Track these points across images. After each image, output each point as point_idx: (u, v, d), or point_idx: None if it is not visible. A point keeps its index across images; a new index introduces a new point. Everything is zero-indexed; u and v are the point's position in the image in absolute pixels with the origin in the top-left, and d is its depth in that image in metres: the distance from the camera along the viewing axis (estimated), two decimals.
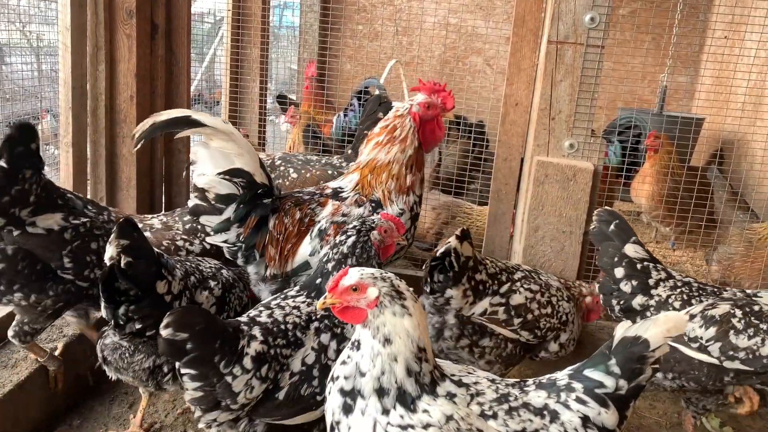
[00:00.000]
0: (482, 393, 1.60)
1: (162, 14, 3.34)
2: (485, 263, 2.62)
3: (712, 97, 5.20)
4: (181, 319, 1.77)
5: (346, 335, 2.01)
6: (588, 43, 2.83)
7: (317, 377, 1.93)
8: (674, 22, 4.62)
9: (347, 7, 7.89)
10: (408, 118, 2.57)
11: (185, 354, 1.77)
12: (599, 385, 1.61)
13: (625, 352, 1.61)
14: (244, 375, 1.83)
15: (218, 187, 2.41)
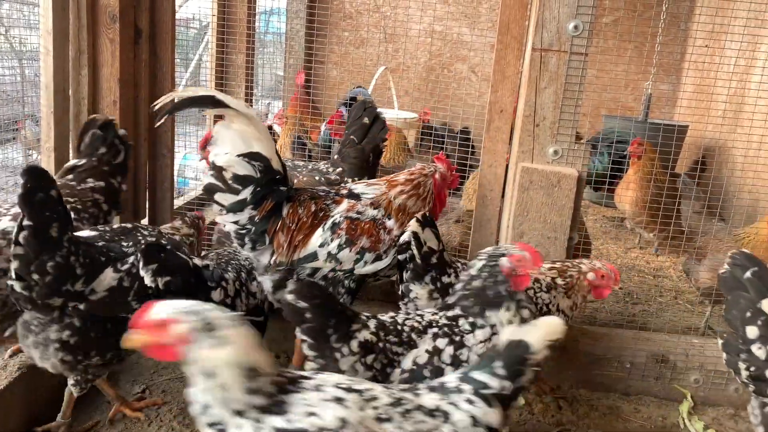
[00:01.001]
0: (377, 398, 1.64)
1: (146, 19, 3.32)
2: (455, 266, 2.61)
3: (694, 105, 5.28)
4: (302, 290, 2.00)
5: (465, 343, 2.12)
6: (572, 50, 2.86)
7: (428, 377, 2.04)
8: (656, 30, 4.68)
9: (333, 14, 7.91)
10: (430, 180, 2.77)
11: (304, 321, 1.99)
12: (485, 386, 1.71)
13: (509, 355, 1.73)
14: (350, 356, 2.00)
15: (237, 167, 2.43)
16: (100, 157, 2.92)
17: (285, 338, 3.26)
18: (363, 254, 2.58)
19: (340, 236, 2.55)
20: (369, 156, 3.17)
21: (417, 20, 6.19)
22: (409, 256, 2.51)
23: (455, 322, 2.17)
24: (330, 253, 2.55)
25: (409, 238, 2.50)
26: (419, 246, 2.49)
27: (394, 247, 2.61)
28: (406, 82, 7.59)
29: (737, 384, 3.05)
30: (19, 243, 2.07)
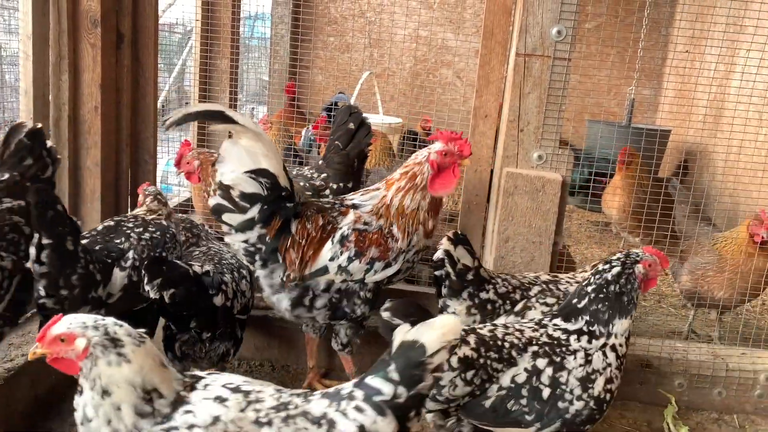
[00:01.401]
0: (262, 400, 1.57)
1: (128, 24, 3.28)
2: (495, 282, 2.59)
3: (675, 110, 5.34)
4: (398, 307, 1.95)
5: (565, 365, 2.09)
6: (555, 55, 2.87)
7: (526, 397, 2.04)
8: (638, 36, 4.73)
9: (318, 19, 7.91)
10: (426, 165, 2.62)
11: None
12: (378, 392, 1.56)
13: (404, 358, 1.56)
14: (450, 372, 1.98)
15: (244, 185, 2.41)
16: (24, 171, 2.43)
17: (269, 346, 3.24)
18: (373, 264, 2.60)
19: (350, 249, 2.56)
20: (354, 161, 3.15)
21: (402, 25, 6.21)
22: (444, 273, 2.52)
23: (557, 341, 2.14)
24: (340, 266, 2.57)
25: (443, 255, 2.52)
26: (453, 263, 2.50)
27: (403, 253, 2.62)
28: (391, 88, 7.61)
29: (720, 388, 3.07)
30: (42, 262, 2.16)
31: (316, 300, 2.64)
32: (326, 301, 2.64)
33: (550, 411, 2.05)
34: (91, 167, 3.22)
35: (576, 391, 2.06)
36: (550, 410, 2.05)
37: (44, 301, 2.21)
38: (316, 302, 2.64)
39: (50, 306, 2.22)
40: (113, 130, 3.31)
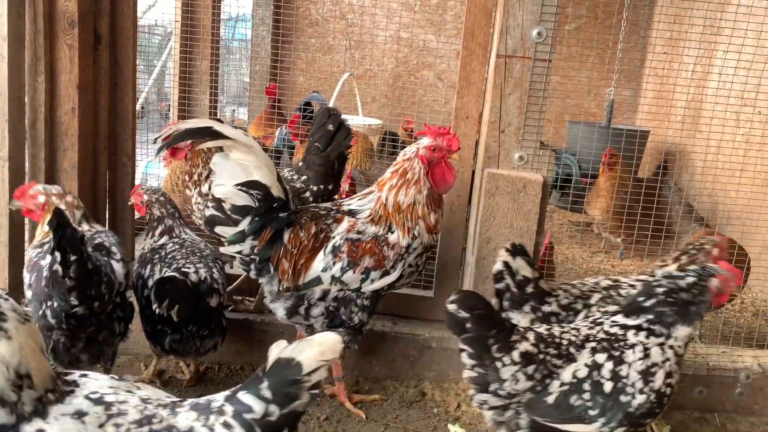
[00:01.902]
0: (124, 413, 1.48)
1: (106, 25, 3.23)
2: (557, 294, 2.57)
3: (655, 110, 5.39)
4: (463, 300, 2.04)
5: (624, 359, 2.09)
6: (535, 57, 2.88)
7: (588, 391, 2.05)
8: (618, 38, 4.78)
9: (299, 21, 7.88)
10: (416, 160, 2.62)
11: (464, 332, 2.04)
12: (248, 409, 1.50)
13: (278, 376, 1.50)
14: (512, 366, 2.03)
15: (235, 198, 2.45)
16: None
17: (249, 349, 3.21)
18: (368, 273, 2.59)
19: (342, 259, 2.56)
20: (334, 163, 3.14)
21: (383, 27, 6.20)
22: (504, 286, 2.51)
23: (615, 337, 2.15)
24: (334, 276, 2.57)
25: (502, 267, 2.50)
26: (512, 275, 2.49)
27: (401, 260, 2.60)
28: (373, 89, 7.59)
29: (701, 386, 3.10)
30: (71, 277, 2.23)
31: (312, 309, 2.64)
32: (323, 309, 2.64)
33: (613, 405, 2.05)
34: (68, 170, 3.16)
35: (638, 384, 2.07)
36: (613, 405, 2.05)
37: (77, 310, 2.32)
38: (312, 311, 2.64)
39: (81, 313, 2.34)
40: (91, 133, 3.26)
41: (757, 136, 4.14)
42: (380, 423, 2.84)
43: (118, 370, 3.05)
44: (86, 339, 2.47)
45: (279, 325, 3.17)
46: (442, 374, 3.19)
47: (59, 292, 2.29)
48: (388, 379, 3.18)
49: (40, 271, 2.44)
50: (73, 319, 2.36)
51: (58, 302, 2.32)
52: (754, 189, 3.61)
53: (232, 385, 1.54)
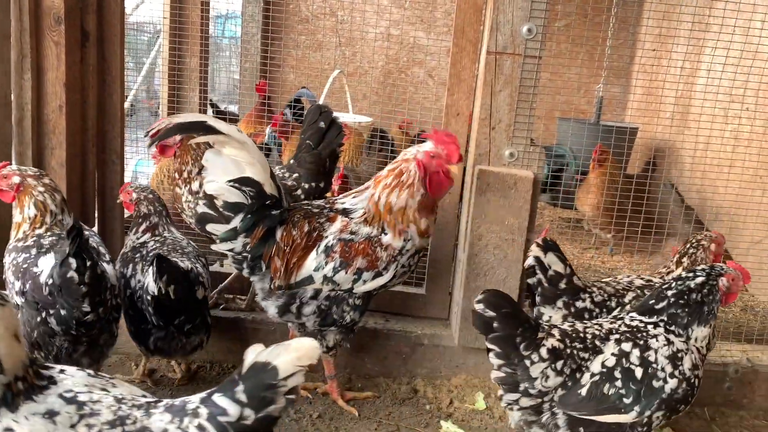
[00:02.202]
0: (97, 413, 1.48)
1: (93, 21, 3.20)
2: (591, 290, 2.59)
3: (644, 107, 5.42)
4: (490, 299, 2.06)
5: (650, 345, 2.13)
6: (526, 53, 2.89)
7: (620, 379, 2.07)
8: (607, 35, 4.79)
9: (289, 17, 7.84)
10: (413, 163, 2.58)
11: (492, 331, 2.05)
12: (223, 412, 1.49)
13: (254, 379, 1.50)
14: (541, 363, 2.05)
15: (227, 195, 2.43)
16: None
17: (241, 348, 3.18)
18: (360, 274, 2.58)
19: (335, 259, 2.55)
20: (326, 161, 3.12)
21: (373, 24, 6.19)
22: (536, 281, 2.53)
23: (636, 328, 2.19)
24: (326, 276, 2.56)
25: (533, 262, 2.52)
26: (544, 270, 2.51)
27: (394, 261, 2.58)
28: (364, 86, 7.58)
29: None
30: (85, 283, 2.23)
31: (304, 307, 2.63)
32: (314, 308, 2.63)
33: (647, 392, 2.06)
34: (56, 168, 3.13)
35: (667, 368, 2.09)
36: (646, 391, 2.06)
37: (89, 318, 2.32)
38: (303, 309, 2.63)
39: (91, 320, 2.33)
40: (78, 130, 3.23)
41: (745, 132, 4.18)
42: (373, 420, 2.84)
43: (109, 370, 3.03)
44: (87, 343, 2.45)
45: (270, 323, 3.16)
46: (434, 371, 3.19)
47: (71, 299, 2.26)
48: (381, 376, 3.18)
49: (35, 278, 2.36)
50: (82, 325, 2.34)
51: (67, 309, 2.28)
52: (742, 185, 3.64)
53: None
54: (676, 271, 2.78)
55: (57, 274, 2.24)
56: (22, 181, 2.62)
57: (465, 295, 3.04)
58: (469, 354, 3.17)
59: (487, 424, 2.88)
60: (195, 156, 3.17)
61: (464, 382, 3.14)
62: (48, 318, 2.33)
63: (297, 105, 5.80)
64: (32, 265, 2.41)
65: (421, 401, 3.01)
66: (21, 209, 2.62)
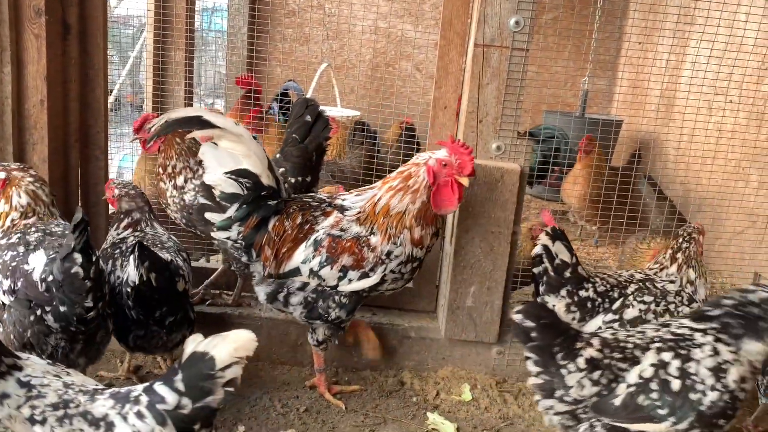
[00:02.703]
0: (44, 396, 1.52)
1: (75, 14, 3.15)
2: (594, 281, 2.60)
3: (630, 100, 5.44)
4: (529, 310, 2.07)
5: (692, 356, 2.06)
6: (513, 46, 2.89)
7: (656, 390, 2.03)
8: (593, 28, 4.80)
9: (276, 11, 7.78)
10: (423, 168, 2.55)
11: (530, 340, 2.06)
12: (161, 400, 1.51)
13: (192, 369, 1.52)
14: (577, 373, 2.04)
15: (224, 186, 2.51)
16: None
17: None
18: (346, 272, 2.57)
19: (321, 254, 2.56)
20: (312, 155, 3.10)
21: (361, 17, 6.17)
22: (542, 269, 2.54)
23: (682, 337, 2.12)
24: (312, 270, 2.57)
25: (541, 251, 2.54)
26: (551, 259, 2.53)
27: (382, 264, 2.56)
28: (351, 80, 7.55)
29: None
30: (90, 278, 2.17)
31: (291, 297, 2.65)
32: (301, 299, 2.65)
33: (683, 404, 2.01)
34: (38, 163, 3.09)
35: (708, 381, 2.02)
36: (683, 403, 2.01)
37: (91, 314, 2.26)
38: (291, 299, 2.65)
39: (93, 316, 2.27)
40: (61, 125, 3.19)
41: (729, 124, 4.21)
42: (359, 413, 2.84)
43: (94, 367, 3.01)
44: (84, 341, 2.39)
45: (257, 318, 3.15)
46: (421, 363, 3.20)
47: (75, 295, 2.20)
48: (368, 369, 3.18)
49: (27, 275, 2.30)
50: (83, 322, 2.28)
51: (68, 306, 2.22)
52: (725, 177, 3.67)
53: None
54: (671, 267, 2.76)
55: (59, 270, 2.17)
56: (8, 175, 2.60)
57: (452, 288, 3.05)
58: (456, 346, 3.18)
59: (473, 415, 2.89)
60: (179, 151, 3.15)
61: (451, 374, 3.16)
62: (44, 315, 2.26)
63: (284, 98, 5.77)
64: (22, 263, 2.34)
65: (407, 393, 3.02)
66: (8, 200, 2.57)
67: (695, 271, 2.72)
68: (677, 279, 2.71)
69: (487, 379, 3.14)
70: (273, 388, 2.97)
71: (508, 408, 2.96)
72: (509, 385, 3.15)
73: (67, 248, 2.15)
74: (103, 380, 2.91)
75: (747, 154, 4.05)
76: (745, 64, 3.42)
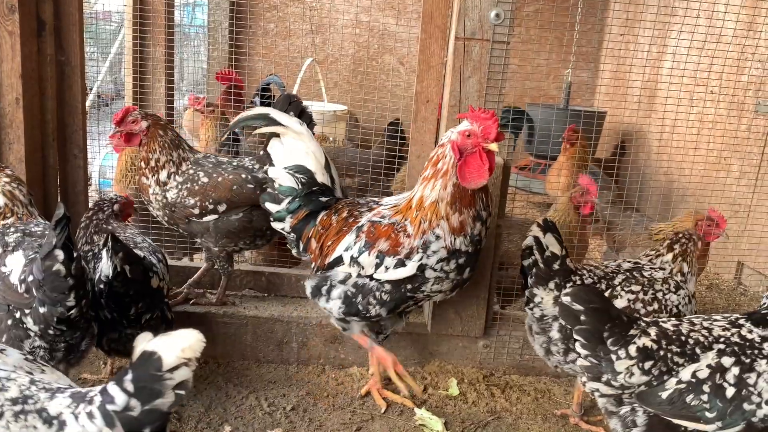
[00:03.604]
0: (6, 390, 1.50)
1: (49, 10, 3.09)
2: (581, 273, 2.60)
3: (612, 92, 5.46)
4: (579, 293, 2.06)
5: (755, 368, 1.98)
6: (494, 39, 2.87)
7: (707, 393, 1.98)
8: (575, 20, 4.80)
9: (257, 5, 7.71)
10: (447, 147, 2.43)
11: (578, 323, 2.05)
12: (111, 400, 1.46)
13: (141, 369, 1.45)
14: (627, 360, 2.02)
15: (282, 179, 2.72)
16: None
17: (212, 343, 3.15)
18: (382, 258, 2.52)
19: (361, 239, 2.57)
20: None
21: (343, 11, 6.13)
22: (532, 261, 2.53)
23: (750, 344, 2.04)
24: (353, 257, 2.58)
25: (531, 242, 2.52)
26: (541, 251, 2.51)
27: (418, 252, 2.47)
28: (335, 74, 7.51)
29: None
30: (72, 275, 2.11)
31: (333, 290, 2.65)
32: (341, 292, 2.63)
33: (734, 412, 1.96)
34: (15, 163, 3.03)
35: (765, 395, 1.96)
36: (734, 411, 1.96)
37: (72, 312, 2.19)
38: (332, 292, 2.65)
39: (75, 315, 2.21)
40: (38, 124, 3.13)
41: (710, 115, 4.24)
42: (347, 410, 2.83)
43: (79, 369, 2.97)
44: (66, 347, 2.32)
45: (242, 317, 3.12)
46: (408, 358, 3.19)
47: (56, 293, 2.14)
48: (354, 365, 3.17)
49: (5, 278, 2.25)
50: (64, 323, 2.21)
51: (49, 306, 2.15)
52: (707, 167, 3.70)
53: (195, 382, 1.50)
54: (667, 256, 2.76)
55: (39, 269, 2.12)
56: None
57: None
58: (442, 340, 3.18)
59: (461, 409, 2.90)
60: (162, 143, 3.05)
61: (438, 369, 3.16)
62: (23, 318, 2.21)
63: (265, 93, 5.72)
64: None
65: (395, 389, 3.01)
66: None
67: (689, 266, 2.72)
68: (668, 267, 2.72)
69: (474, 373, 3.15)
70: (259, 387, 2.95)
71: (495, 402, 2.97)
72: (496, 379, 3.16)
73: (48, 246, 2.09)
74: (87, 383, 2.87)
75: (728, 144, 4.08)
76: (725, 55, 3.44)
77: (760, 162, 3.94)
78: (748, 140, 4.11)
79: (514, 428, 2.81)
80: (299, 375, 3.08)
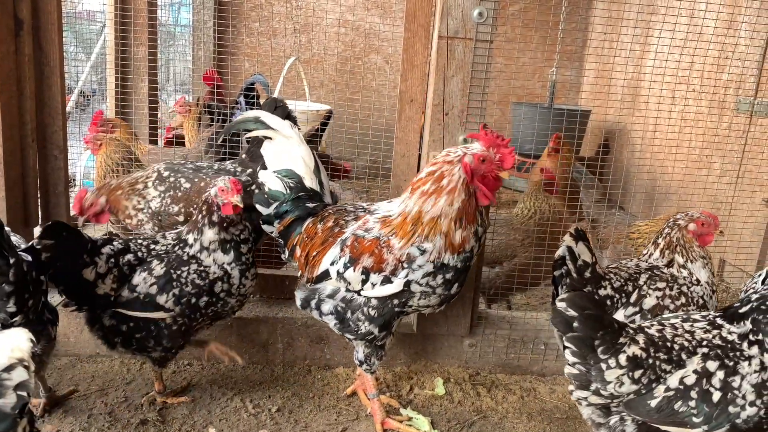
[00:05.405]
0: None
1: (27, 8, 3.04)
2: (609, 277, 2.58)
3: (596, 90, 5.49)
4: (574, 299, 2.02)
5: (738, 370, 1.99)
6: (477, 38, 2.87)
7: (695, 399, 1.98)
8: (559, 19, 4.83)
9: (242, 4, 7.67)
10: (458, 166, 2.35)
11: (571, 330, 2.01)
12: None
13: None
14: (617, 369, 1.99)
15: (271, 183, 2.71)
16: None
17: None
18: (368, 275, 2.43)
19: (345, 254, 2.48)
20: None
21: (328, 10, 6.11)
22: (564, 271, 2.46)
23: (730, 344, 2.04)
24: (338, 272, 2.50)
25: (564, 252, 2.45)
26: (574, 260, 2.46)
27: (403, 269, 2.38)
28: (321, 74, 7.49)
29: None
30: (11, 282, 2.11)
31: (322, 304, 2.57)
32: (332, 307, 2.55)
33: (720, 415, 1.97)
34: None
35: (749, 396, 1.97)
36: (719, 414, 1.97)
37: (16, 320, 2.16)
38: (322, 307, 2.58)
39: (20, 322, 2.17)
40: (16, 124, 3.08)
41: (692, 113, 4.28)
42: (332, 411, 2.82)
43: (58, 372, 2.93)
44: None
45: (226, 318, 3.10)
46: (394, 358, 3.19)
47: None
48: (341, 365, 3.16)
49: None
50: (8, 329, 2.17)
51: None
52: (690, 164, 3.73)
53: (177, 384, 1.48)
54: (656, 253, 2.74)
55: None
56: None
57: None
58: (428, 340, 3.18)
59: (447, 409, 2.90)
60: (127, 194, 3.14)
61: (424, 368, 3.16)
62: None
63: (249, 93, 5.69)
64: None
65: (381, 389, 3.00)
66: None
67: (682, 256, 2.69)
68: (661, 261, 2.71)
69: (460, 373, 3.15)
70: (245, 389, 2.93)
71: (481, 401, 2.97)
72: (482, 378, 3.16)
73: None
74: None
75: (709, 142, 4.12)
76: (705, 53, 3.47)
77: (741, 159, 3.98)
78: (729, 138, 4.14)
79: (499, 427, 2.81)
80: (285, 376, 3.06)
